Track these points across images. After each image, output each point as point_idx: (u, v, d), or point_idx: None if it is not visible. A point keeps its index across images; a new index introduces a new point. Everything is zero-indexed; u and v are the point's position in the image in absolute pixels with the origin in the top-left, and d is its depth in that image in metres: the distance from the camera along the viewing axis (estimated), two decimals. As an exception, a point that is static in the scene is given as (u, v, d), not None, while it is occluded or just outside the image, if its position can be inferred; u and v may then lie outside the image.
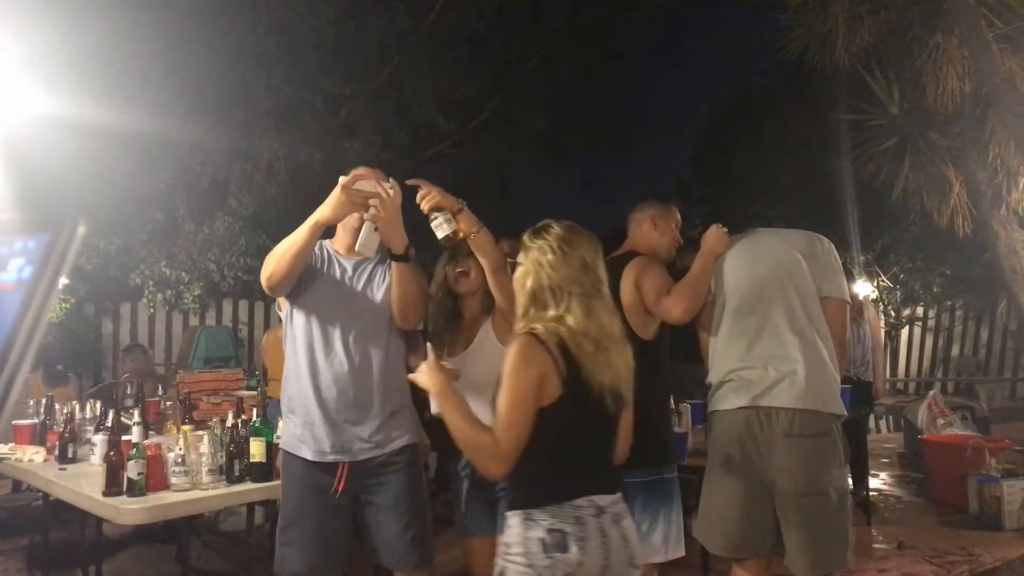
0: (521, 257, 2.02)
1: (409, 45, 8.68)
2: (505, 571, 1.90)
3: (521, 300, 1.98)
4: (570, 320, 1.92)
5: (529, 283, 1.96)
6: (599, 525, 1.91)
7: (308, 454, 2.42)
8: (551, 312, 1.93)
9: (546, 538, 1.86)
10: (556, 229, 2.01)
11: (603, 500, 1.94)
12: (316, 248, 2.48)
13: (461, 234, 2.36)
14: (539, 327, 1.91)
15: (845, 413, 2.69)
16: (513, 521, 1.92)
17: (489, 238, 2.40)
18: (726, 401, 2.75)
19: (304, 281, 2.44)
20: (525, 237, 2.05)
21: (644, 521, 2.66)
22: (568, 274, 1.94)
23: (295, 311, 2.47)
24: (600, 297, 1.99)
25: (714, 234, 2.85)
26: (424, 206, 2.34)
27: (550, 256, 1.96)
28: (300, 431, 2.43)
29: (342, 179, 2.31)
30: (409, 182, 2.36)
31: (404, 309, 2.43)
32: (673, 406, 3.55)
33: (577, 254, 1.97)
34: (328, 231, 2.45)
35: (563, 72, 10.67)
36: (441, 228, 2.35)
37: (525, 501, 1.91)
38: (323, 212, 2.30)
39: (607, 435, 2.03)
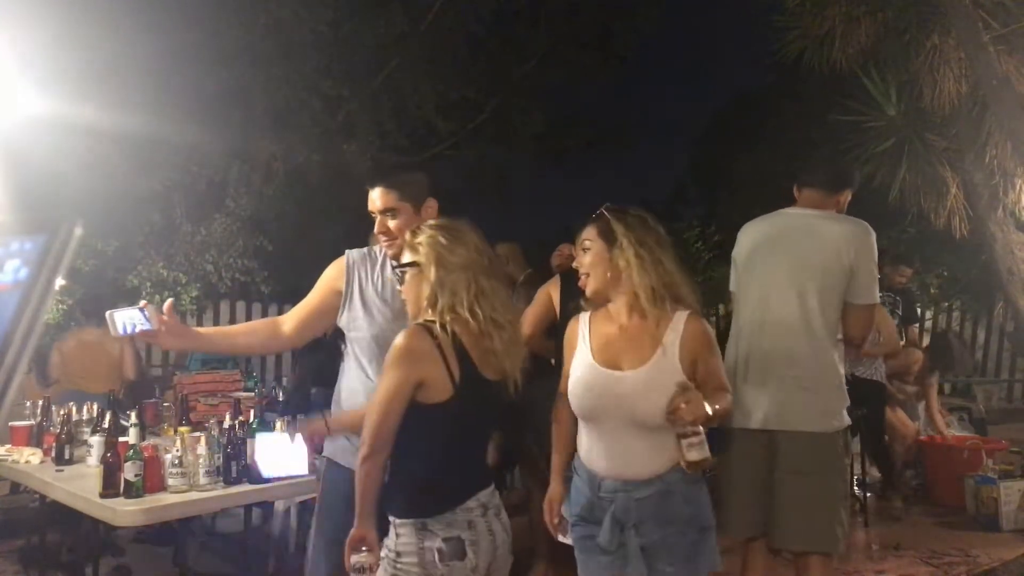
0: (412, 255, 2.00)
1: (407, 47, 8.67)
2: None
3: (426, 290, 1.95)
4: (465, 303, 1.91)
5: (433, 272, 1.94)
6: (487, 524, 1.93)
7: None
8: (449, 299, 1.92)
9: (444, 548, 1.86)
10: (435, 223, 2.03)
11: (485, 496, 1.96)
12: (366, 260, 2.44)
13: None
14: (435, 317, 1.91)
15: (832, 429, 2.69)
16: (404, 531, 1.90)
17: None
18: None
19: (367, 297, 2.38)
20: (408, 236, 2.05)
21: None
22: (467, 256, 1.95)
23: (355, 323, 2.40)
24: (496, 277, 2.00)
25: None
26: (686, 417, 1.91)
27: (445, 243, 1.95)
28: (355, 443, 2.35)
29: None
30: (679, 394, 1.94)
31: None
32: None
33: (468, 238, 1.98)
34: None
35: (561, 74, 10.67)
36: (694, 451, 1.93)
37: (419, 510, 1.90)
38: None
39: (494, 427, 2.07)
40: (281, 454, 2.43)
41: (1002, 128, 4.66)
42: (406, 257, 2.03)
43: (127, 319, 2.13)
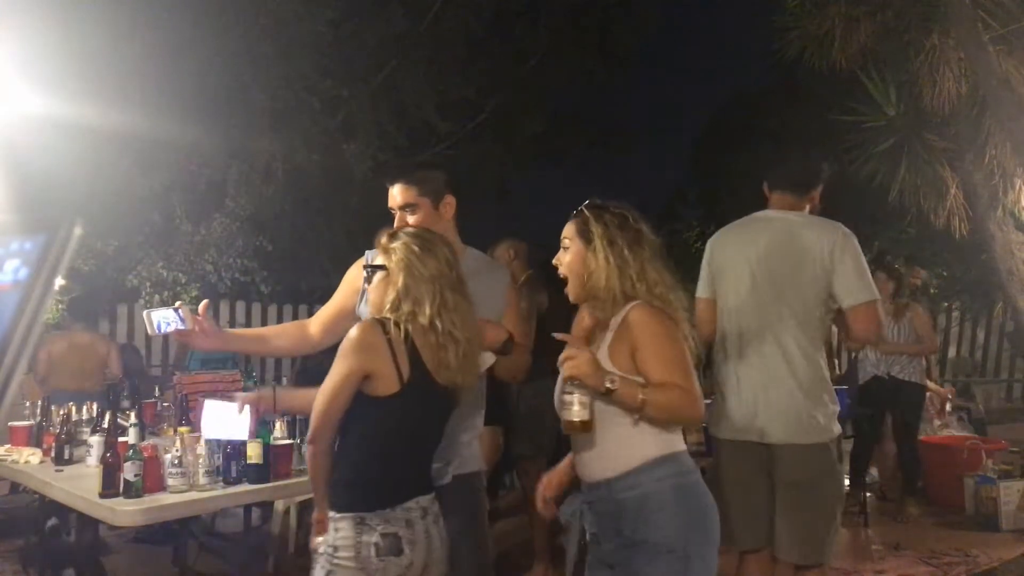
0: (383, 259, 2.02)
1: (407, 46, 8.68)
2: (333, 574, 1.91)
3: (391, 295, 1.99)
4: (427, 313, 1.94)
5: (401, 279, 1.97)
6: (425, 527, 1.97)
7: None
8: (412, 307, 1.96)
9: (380, 543, 1.90)
10: (411, 231, 2.09)
11: (425, 500, 2.00)
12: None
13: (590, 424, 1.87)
14: (391, 317, 1.96)
15: (825, 439, 2.63)
16: (343, 525, 1.93)
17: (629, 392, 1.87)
18: (714, 427, 2.81)
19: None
20: (383, 240, 2.05)
21: None
22: (437, 268, 1.98)
23: None
24: (462, 293, 2.02)
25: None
26: (565, 370, 1.84)
27: (417, 252, 1.99)
28: None
29: None
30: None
31: None
32: None
33: (440, 251, 2.02)
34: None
35: (561, 74, 10.68)
36: (570, 411, 1.85)
37: (358, 504, 1.94)
38: None
39: (438, 433, 2.07)
40: (226, 419, 2.49)
41: (1001, 128, 4.66)
42: (378, 259, 2.04)
43: (162, 318, 2.21)
